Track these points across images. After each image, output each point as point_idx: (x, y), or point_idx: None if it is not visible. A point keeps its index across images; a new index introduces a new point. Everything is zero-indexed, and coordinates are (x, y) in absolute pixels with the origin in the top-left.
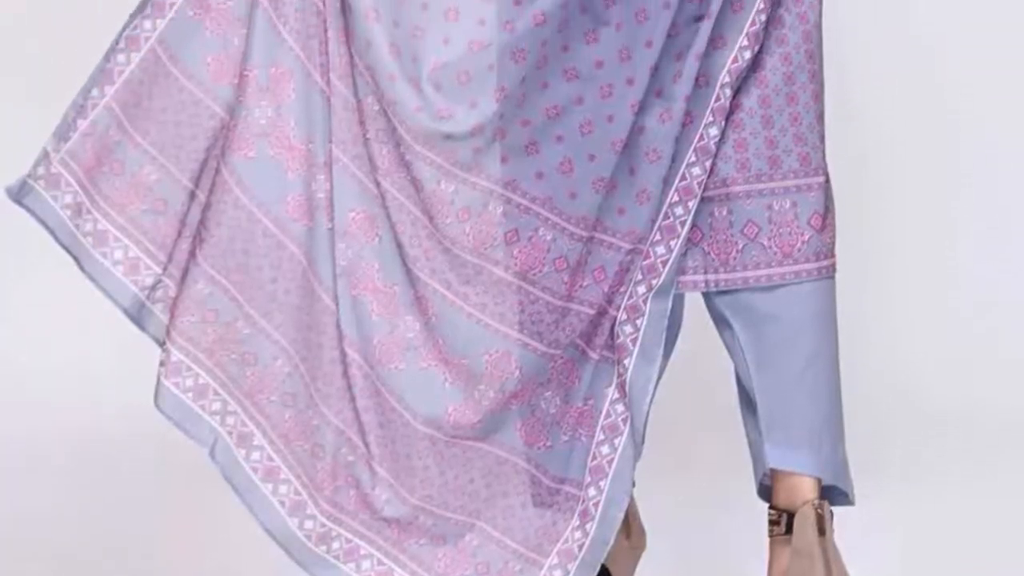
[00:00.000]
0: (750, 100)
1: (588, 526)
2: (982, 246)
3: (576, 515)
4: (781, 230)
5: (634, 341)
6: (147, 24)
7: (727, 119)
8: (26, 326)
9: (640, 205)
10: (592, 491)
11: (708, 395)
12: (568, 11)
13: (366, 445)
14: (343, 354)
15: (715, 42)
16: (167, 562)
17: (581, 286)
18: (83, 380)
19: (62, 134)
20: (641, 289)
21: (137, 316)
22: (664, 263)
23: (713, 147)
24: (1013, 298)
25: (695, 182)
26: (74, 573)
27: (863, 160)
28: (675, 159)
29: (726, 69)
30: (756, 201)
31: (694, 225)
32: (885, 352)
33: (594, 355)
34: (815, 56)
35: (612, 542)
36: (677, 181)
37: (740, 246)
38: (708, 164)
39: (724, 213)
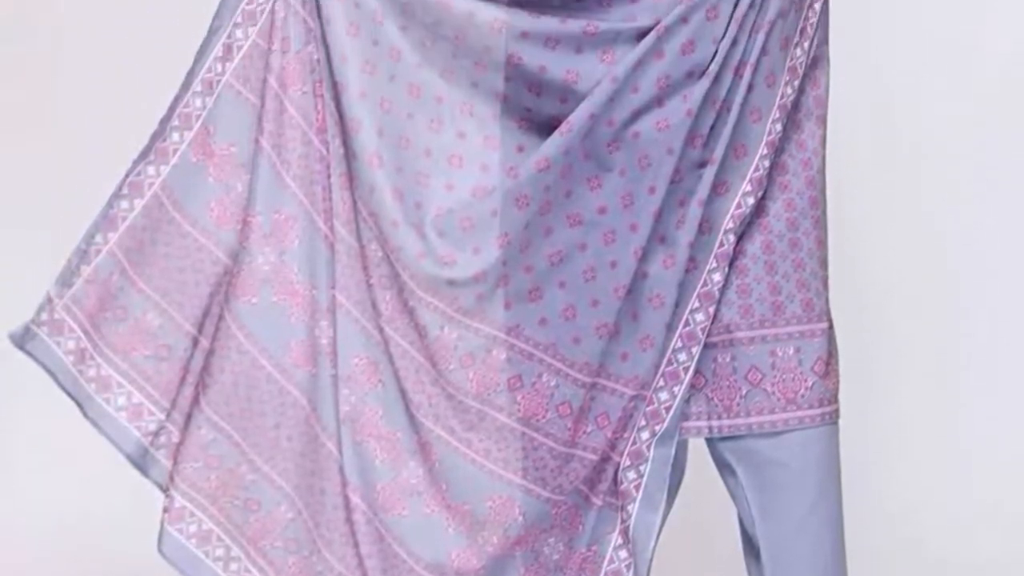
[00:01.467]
0: (753, 246)
1: None
2: (988, 397)
3: None
4: (784, 376)
5: (637, 487)
6: (150, 170)
7: (730, 265)
8: (27, 471)
9: (643, 351)
10: None
11: (710, 540)
12: (571, 157)
13: None
14: (346, 500)
15: (718, 188)
16: None
17: (584, 432)
18: (85, 526)
19: (65, 280)
20: (644, 435)
21: (140, 462)
22: (667, 409)
23: (716, 293)
24: (1018, 454)
25: (698, 328)
26: None
27: (866, 306)
28: (678, 305)
29: (729, 215)
30: (759, 347)
31: (697, 371)
32: (888, 500)
33: (597, 501)
34: (818, 202)
35: None
36: (680, 327)
37: (743, 392)
38: (711, 310)
39: (727, 359)
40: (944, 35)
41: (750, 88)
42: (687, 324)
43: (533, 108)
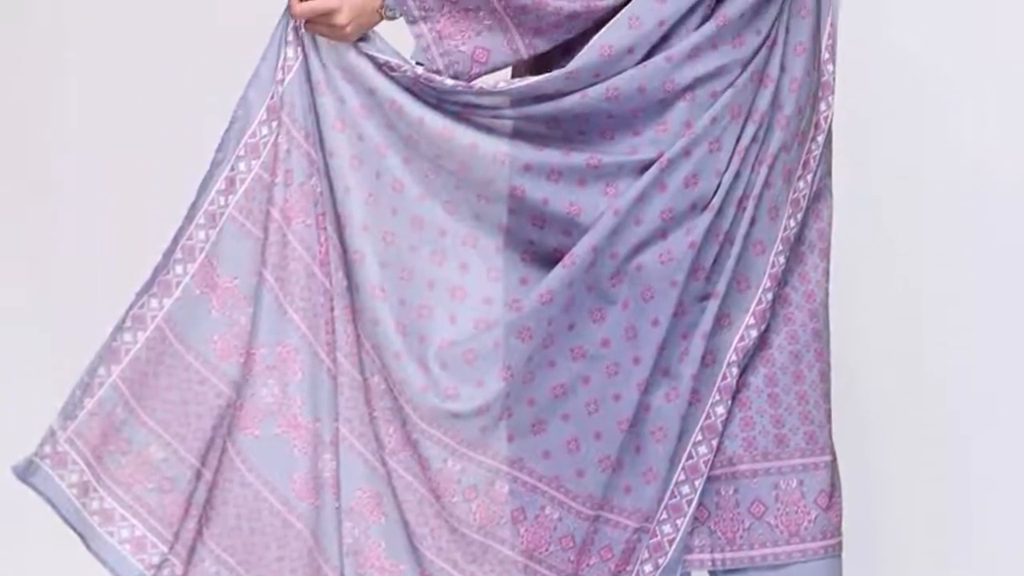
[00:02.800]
0: (756, 378)
1: None
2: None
3: None
4: (787, 508)
5: None
6: (153, 303)
7: (733, 397)
8: None
9: (646, 484)
10: None
11: None
12: (574, 290)
13: None
14: None
15: (721, 320)
16: None
17: (587, 564)
18: None
19: (68, 412)
20: (647, 568)
21: None
22: (670, 542)
23: (720, 426)
24: None
25: (701, 461)
26: None
27: (868, 442)
28: (681, 438)
29: (732, 348)
30: (763, 480)
31: (700, 503)
32: None
33: None
34: (821, 334)
35: None
36: (683, 460)
37: (747, 524)
38: (715, 443)
39: (731, 492)
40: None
41: (753, 221)
42: (690, 457)
43: (536, 240)
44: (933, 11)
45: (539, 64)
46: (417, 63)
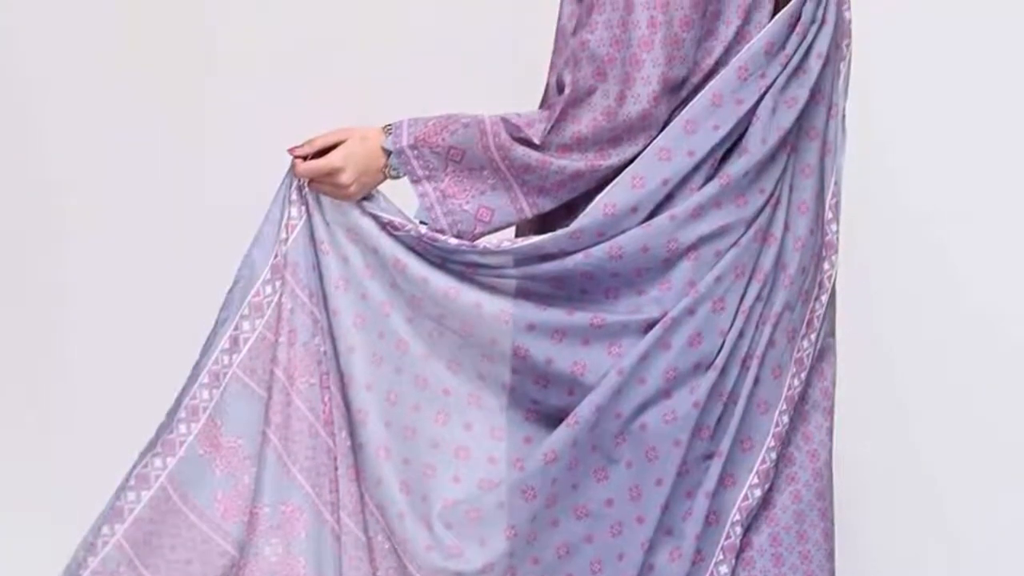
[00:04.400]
0: (760, 538)
1: None
2: None
3: None
4: None
5: None
6: (157, 462)
7: (737, 557)
8: None
9: None
10: None
11: None
12: (578, 449)
13: None
14: None
15: (725, 480)
16: None
17: None
18: None
19: (73, 572)
20: None
21: None
22: None
23: None
24: None
25: None
26: None
27: None
28: None
29: (736, 507)
30: None
31: None
32: None
33: None
34: (825, 494)
35: None
36: None
37: None
38: None
39: None
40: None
41: (757, 380)
42: None
43: (540, 400)
44: (937, 170)
45: (543, 223)
46: (421, 222)
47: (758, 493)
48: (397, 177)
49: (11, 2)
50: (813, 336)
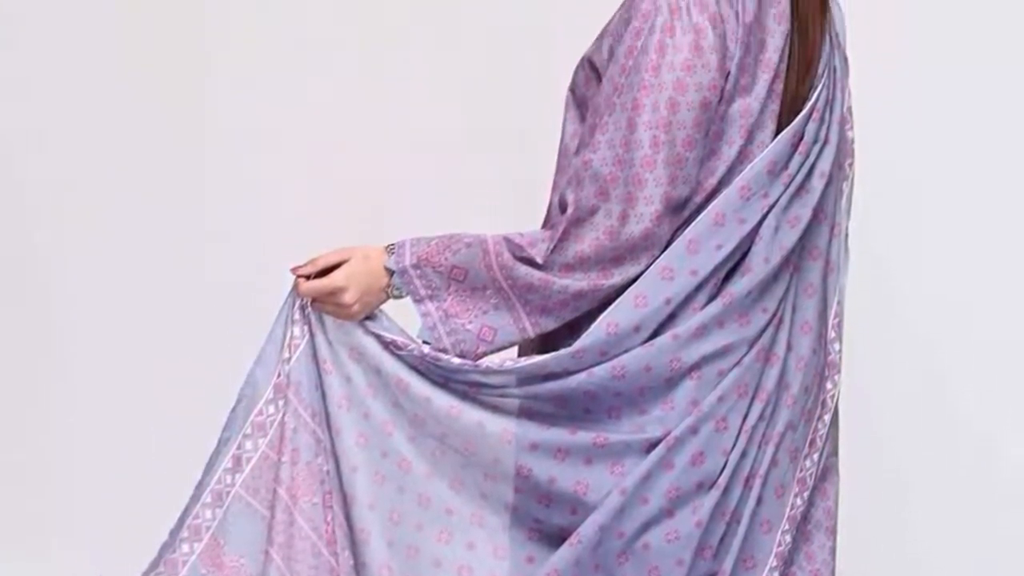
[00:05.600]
0: None
1: None
2: None
3: None
4: None
5: None
6: None
7: None
8: None
9: None
10: None
11: None
12: (581, 569)
13: None
14: None
15: None
16: None
17: None
18: None
19: None
20: None
21: None
22: None
23: None
24: None
25: None
26: None
27: None
28: None
29: None
30: None
31: None
32: None
33: None
34: None
35: None
36: None
37: None
38: None
39: None
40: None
41: (760, 500)
42: None
43: (543, 519)
44: (939, 291)
45: (545, 342)
46: (423, 341)
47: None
48: (400, 297)
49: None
50: (816, 455)
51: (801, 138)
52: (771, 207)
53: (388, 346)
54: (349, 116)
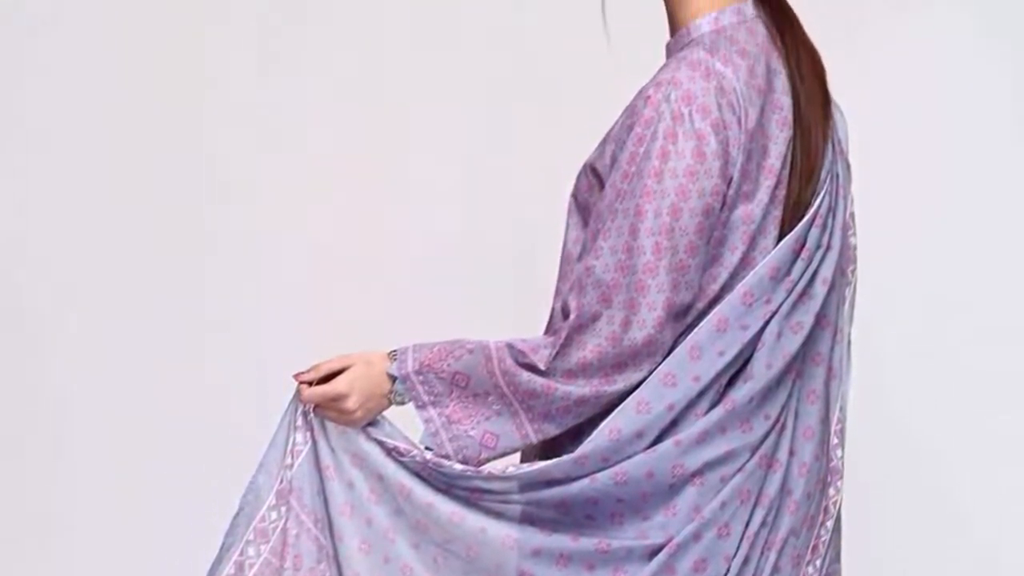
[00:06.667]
0: None
1: None
2: None
3: None
4: None
5: None
6: None
7: None
8: None
9: None
10: None
11: None
12: None
13: None
14: None
15: None
16: None
17: None
18: None
19: None
20: None
21: None
22: None
23: None
24: None
25: None
26: None
27: None
28: None
29: None
30: None
31: None
32: None
33: None
34: None
35: None
36: None
37: None
38: None
39: None
40: None
41: None
42: None
43: None
44: (940, 397)
45: (548, 447)
46: (426, 448)
47: None
48: (403, 403)
49: None
50: (818, 562)
51: (803, 244)
52: (773, 313)
53: (391, 452)
54: (351, 213)
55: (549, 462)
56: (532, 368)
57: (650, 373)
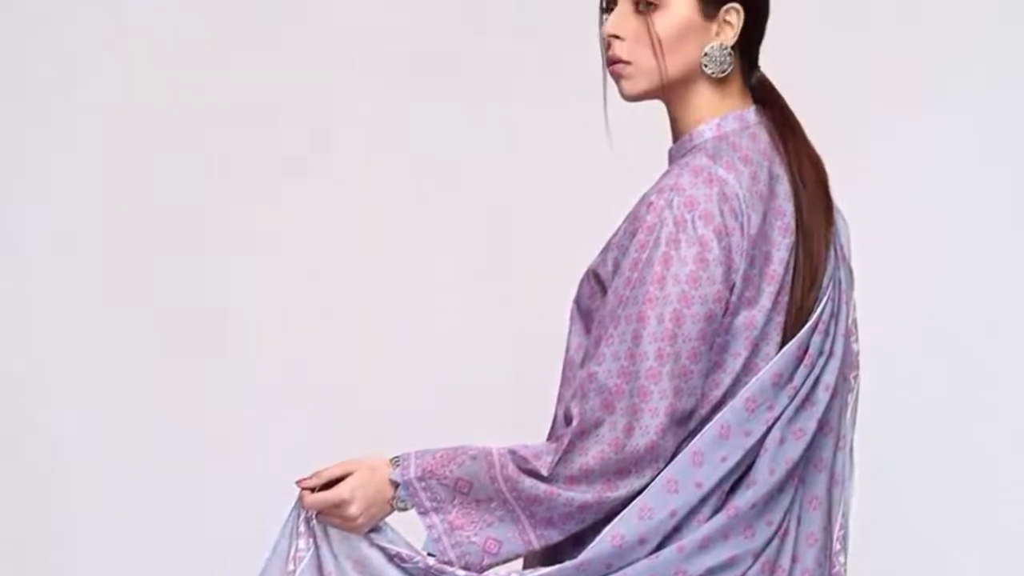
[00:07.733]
0: None
1: None
2: None
3: None
4: None
5: None
6: None
7: None
8: None
9: None
10: None
11: None
12: None
13: None
14: None
15: None
16: None
17: None
18: None
19: None
20: None
21: None
22: None
23: None
24: None
25: None
26: None
27: None
28: None
29: None
30: None
31: None
32: None
33: None
34: None
35: None
36: None
37: None
38: None
39: None
40: None
41: None
42: None
43: None
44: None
45: (550, 553)
46: (428, 554)
47: None
48: (405, 509)
49: None
50: None
51: (806, 351)
52: (776, 419)
53: (393, 558)
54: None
55: (552, 568)
56: (535, 474)
57: (652, 479)
